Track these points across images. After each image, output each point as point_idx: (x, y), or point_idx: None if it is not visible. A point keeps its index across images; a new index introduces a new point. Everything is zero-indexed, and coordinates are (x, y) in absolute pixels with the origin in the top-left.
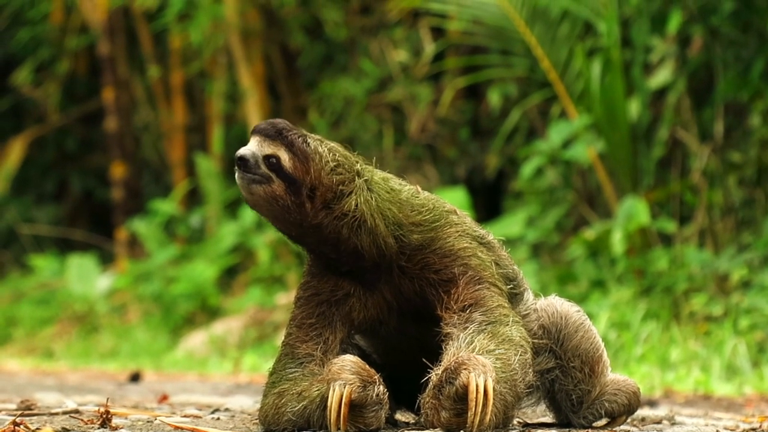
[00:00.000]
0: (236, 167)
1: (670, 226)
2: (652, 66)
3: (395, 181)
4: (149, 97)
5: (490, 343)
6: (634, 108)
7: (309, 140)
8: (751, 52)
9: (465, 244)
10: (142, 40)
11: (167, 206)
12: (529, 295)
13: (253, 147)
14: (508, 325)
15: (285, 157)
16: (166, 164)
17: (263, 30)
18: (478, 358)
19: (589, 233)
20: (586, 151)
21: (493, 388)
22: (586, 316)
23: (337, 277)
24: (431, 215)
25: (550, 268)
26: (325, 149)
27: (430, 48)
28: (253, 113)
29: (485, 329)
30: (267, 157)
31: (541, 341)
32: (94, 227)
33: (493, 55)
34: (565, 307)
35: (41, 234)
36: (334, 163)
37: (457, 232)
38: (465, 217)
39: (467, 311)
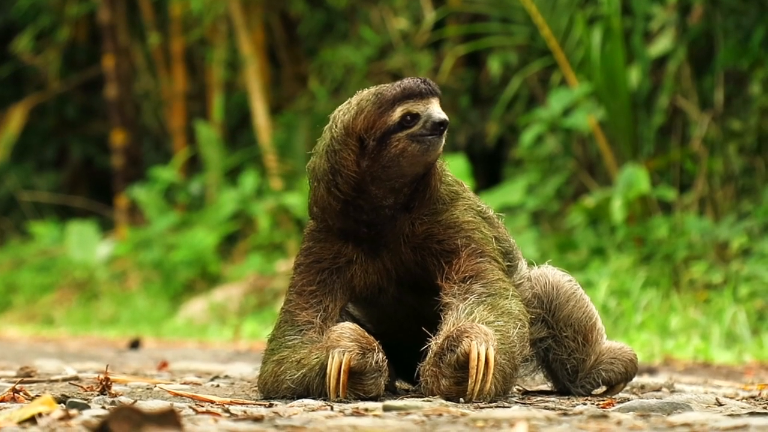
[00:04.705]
0: (441, 132)
1: (670, 194)
2: (653, 34)
3: None
4: (149, 64)
5: (490, 314)
6: (634, 76)
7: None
8: (752, 20)
9: (470, 218)
10: (142, 8)
11: (167, 173)
12: (522, 265)
13: (439, 109)
14: (507, 298)
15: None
16: (166, 131)
17: None
18: (480, 327)
19: (589, 201)
20: (587, 119)
21: (494, 357)
22: (578, 286)
23: (341, 243)
24: None
25: (550, 236)
26: None
27: (430, 16)
28: (254, 81)
29: (485, 301)
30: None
31: (534, 310)
32: (95, 194)
33: (494, 23)
34: (556, 277)
35: (41, 201)
36: None
37: (463, 205)
38: (468, 191)
39: (467, 282)
